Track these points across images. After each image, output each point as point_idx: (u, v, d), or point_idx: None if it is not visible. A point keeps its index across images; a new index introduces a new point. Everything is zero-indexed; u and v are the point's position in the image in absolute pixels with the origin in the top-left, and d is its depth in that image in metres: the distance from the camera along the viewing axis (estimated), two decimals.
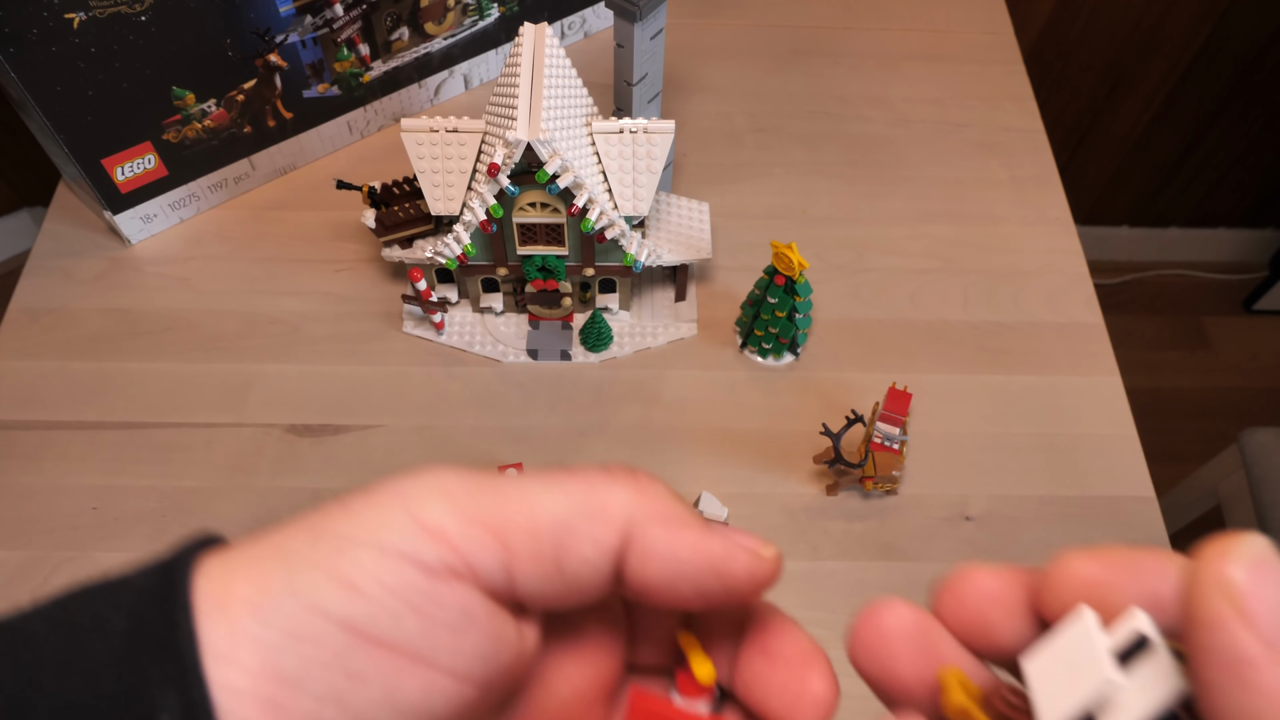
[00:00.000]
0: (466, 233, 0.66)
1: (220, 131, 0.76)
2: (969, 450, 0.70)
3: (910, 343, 0.76)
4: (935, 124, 0.90)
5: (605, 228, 0.66)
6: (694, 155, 0.86)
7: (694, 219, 0.74)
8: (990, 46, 0.96)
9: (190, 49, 0.70)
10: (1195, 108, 1.46)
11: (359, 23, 0.77)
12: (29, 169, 1.53)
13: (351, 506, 0.19)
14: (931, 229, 0.82)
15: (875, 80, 0.93)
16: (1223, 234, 1.75)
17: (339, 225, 0.80)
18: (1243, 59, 1.37)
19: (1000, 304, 0.78)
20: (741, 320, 0.74)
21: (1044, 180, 0.86)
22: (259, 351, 0.73)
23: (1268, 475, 1.09)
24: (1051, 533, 0.67)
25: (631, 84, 0.71)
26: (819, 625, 0.62)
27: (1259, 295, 1.75)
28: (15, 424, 0.69)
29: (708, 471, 0.68)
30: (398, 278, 0.77)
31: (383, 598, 0.17)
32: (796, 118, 0.89)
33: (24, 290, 0.76)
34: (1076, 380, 0.74)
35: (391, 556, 0.18)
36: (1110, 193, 1.64)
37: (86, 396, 0.71)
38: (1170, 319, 1.77)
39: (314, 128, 0.82)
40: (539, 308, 0.73)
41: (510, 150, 0.60)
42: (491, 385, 0.72)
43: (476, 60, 0.87)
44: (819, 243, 0.81)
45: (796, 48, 0.95)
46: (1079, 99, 1.44)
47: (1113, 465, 0.70)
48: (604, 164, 0.66)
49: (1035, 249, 0.82)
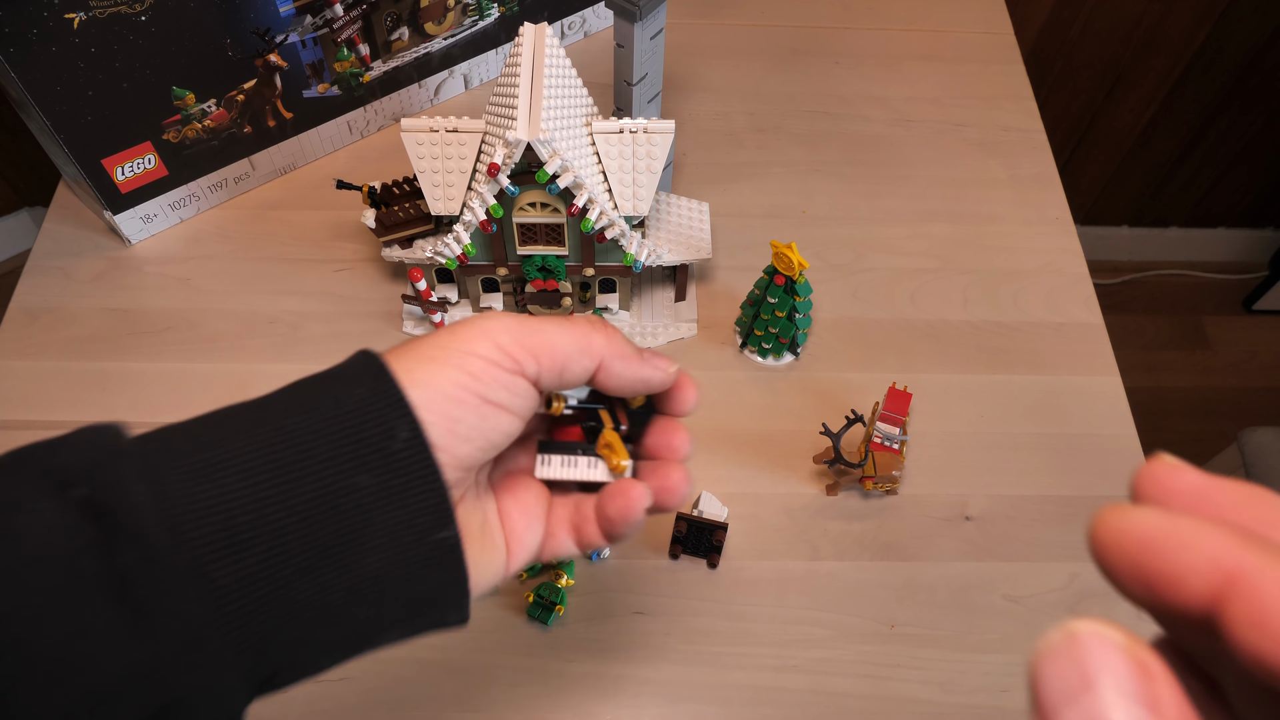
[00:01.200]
0: (466, 233, 0.67)
1: (220, 131, 0.76)
2: (969, 450, 0.71)
3: (910, 342, 0.76)
4: (935, 124, 0.90)
5: (605, 228, 0.66)
6: (694, 155, 0.86)
7: (694, 219, 0.74)
8: (990, 46, 0.96)
9: (190, 49, 0.70)
10: (1195, 107, 1.46)
11: (359, 23, 0.77)
12: (29, 169, 1.53)
13: (457, 333, 0.33)
14: (931, 229, 0.82)
15: (875, 80, 0.93)
16: (1222, 234, 1.75)
17: (339, 225, 0.80)
18: (1242, 59, 1.38)
19: (1000, 304, 0.78)
20: (741, 320, 0.74)
21: (1043, 180, 0.86)
22: (259, 351, 0.73)
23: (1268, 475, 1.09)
24: (1051, 533, 0.67)
25: (631, 84, 0.71)
26: (819, 625, 0.63)
27: (1259, 295, 1.75)
28: (15, 424, 0.69)
29: (708, 471, 0.68)
30: (398, 278, 0.77)
31: (488, 380, 0.33)
32: (796, 118, 0.90)
33: (24, 290, 0.76)
34: (1076, 380, 0.74)
35: (487, 361, 0.33)
36: (1110, 193, 1.64)
37: (86, 396, 0.71)
38: (1170, 319, 1.77)
39: (314, 128, 0.82)
40: (539, 308, 0.73)
41: (510, 150, 0.60)
42: None
43: (476, 60, 0.87)
44: (819, 243, 0.81)
45: (796, 48, 0.95)
46: (1079, 98, 1.44)
47: (1113, 465, 0.70)
48: (604, 164, 0.66)
49: (1035, 249, 0.82)
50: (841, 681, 0.61)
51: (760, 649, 0.62)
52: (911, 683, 0.61)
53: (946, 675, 0.61)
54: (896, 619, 0.63)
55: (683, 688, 0.60)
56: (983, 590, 0.64)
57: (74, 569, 0.25)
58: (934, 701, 0.60)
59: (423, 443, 0.30)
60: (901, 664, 0.62)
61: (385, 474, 0.30)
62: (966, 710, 0.60)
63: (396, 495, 0.30)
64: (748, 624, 0.63)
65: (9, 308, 0.75)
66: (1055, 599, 0.64)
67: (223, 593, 0.27)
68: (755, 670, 0.61)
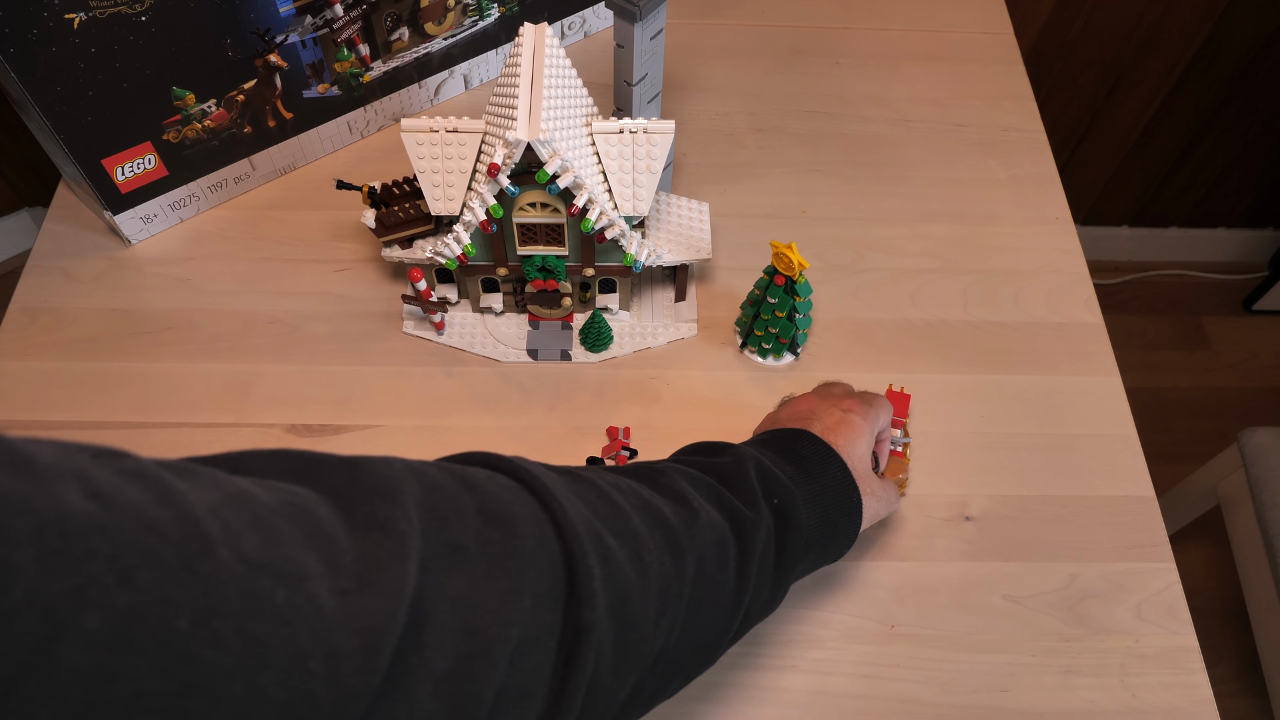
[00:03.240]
0: (466, 233, 0.67)
1: (220, 131, 0.76)
2: (969, 450, 0.70)
3: (910, 343, 0.76)
4: (935, 124, 0.90)
5: (605, 228, 0.66)
6: (694, 155, 0.86)
7: (694, 219, 0.74)
8: (990, 46, 0.96)
9: (190, 49, 0.70)
10: (1195, 108, 1.46)
11: (359, 23, 0.77)
12: (29, 169, 1.53)
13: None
14: (931, 229, 0.82)
15: (875, 80, 0.93)
16: (1222, 234, 1.75)
17: (339, 225, 0.80)
18: (1242, 59, 1.37)
19: (1000, 304, 0.78)
20: (741, 320, 0.74)
21: (1043, 180, 0.86)
22: (259, 351, 0.73)
23: (1268, 475, 1.09)
24: (1051, 533, 0.67)
25: (631, 84, 0.71)
26: (818, 625, 0.63)
27: (1259, 295, 1.75)
28: (15, 424, 0.69)
29: None
30: (398, 278, 0.77)
31: None
32: (796, 118, 0.90)
33: (24, 290, 0.76)
34: (1076, 380, 0.74)
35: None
36: (1110, 193, 1.64)
37: (86, 396, 0.71)
38: (1170, 319, 1.77)
39: (314, 128, 0.82)
40: (539, 308, 0.73)
41: (510, 150, 0.60)
42: (491, 385, 0.72)
43: (476, 60, 0.87)
44: (819, 243, 0.81)
45: (796, 48, 0.95)
46: (1079, 99, 1.44)
47: (1113, 465, 0.70)
48: (604, 164, 0.66)
49: (1035, 249, 0.82)
50: (841, 681, 0.61)
51: (760, 649, 0.62)
52: (911, 683, 0.61)
53: (946, 675, 0.61)
54: (896, 619, 0.63)
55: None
56: (983, 590, 0.64)
57: (766, 547, 0.47)
58: (934, 701, 0.60)
59: (860, 506, 0.53)
60: (901, 664, 0.62)
61: (848, 524, 0.53)
62: (966, 710, 0.60)
63: (847, 537, 0.54)
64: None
65: (9, 308, 0.75)
66: (1055, 599, 0.64)
67: (801, 570, 0.51)
68: (755, 670, 0.61)
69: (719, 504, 0.46)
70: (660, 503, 0.43)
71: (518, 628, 0.33)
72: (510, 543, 0.34)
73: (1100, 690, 0.61)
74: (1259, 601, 1.13)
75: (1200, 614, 0.71)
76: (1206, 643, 0.67)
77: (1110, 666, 0.62)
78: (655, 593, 0.39)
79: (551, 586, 0.35)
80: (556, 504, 0.37)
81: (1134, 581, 0.65)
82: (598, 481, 0.41)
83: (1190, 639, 0.63)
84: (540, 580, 0.34)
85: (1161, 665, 0.62)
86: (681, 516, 0.43)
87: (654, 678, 0.40)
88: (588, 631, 0.35)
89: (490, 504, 0.35)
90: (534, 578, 0.34)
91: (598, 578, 0.36)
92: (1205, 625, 1.30)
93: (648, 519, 0.41)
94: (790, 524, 0.48)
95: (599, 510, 0.39)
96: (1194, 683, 0.62)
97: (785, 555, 0.47)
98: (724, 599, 0.44)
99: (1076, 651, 0.62)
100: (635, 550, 0.38)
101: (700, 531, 0.43)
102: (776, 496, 0.48)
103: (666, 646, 0.40)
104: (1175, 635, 0.63)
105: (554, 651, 0.34)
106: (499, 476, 0.38)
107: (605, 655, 0.36)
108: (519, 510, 0.36)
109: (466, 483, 0.36)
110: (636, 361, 0.74)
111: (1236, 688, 1.39)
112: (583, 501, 0.39)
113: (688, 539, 0.42)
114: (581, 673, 0.34)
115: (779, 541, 0.47)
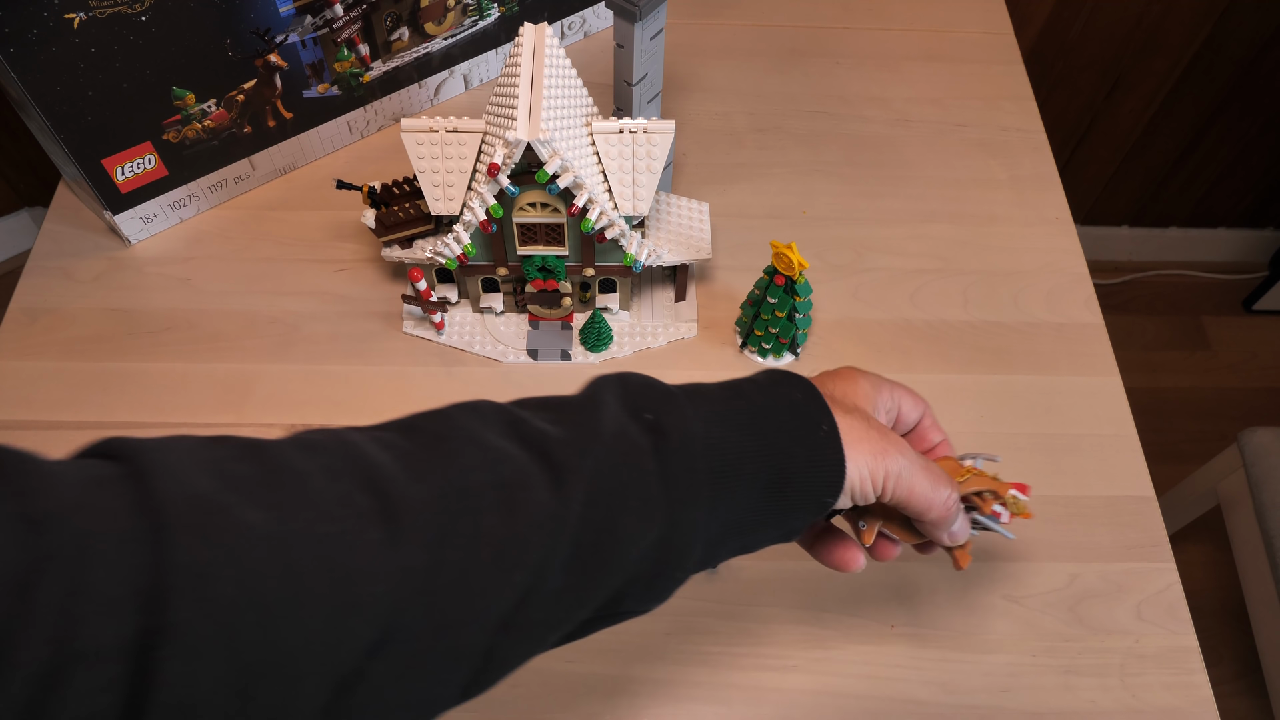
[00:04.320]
0: (466, 233, 0.67)
1: (220, 131, 0.76)
2: (969, 450, 0.70)
3: (910, 343, 0.76)
4: (935, 124, 0.90)
5: (605, 228, 0.66)
6: (694, 155, 0.86)
7: (694, 219, 0.74)
8: (990, 46, 0.96)
9: (190, 49, 0.70)
10: (1195, 108, 1.46)
11: (359, 23, 0.77)
12: (29, 169, 1.53)
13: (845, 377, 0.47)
14: (931, 229, 0.82)
15: (875, 80, 0.93)
16: (1222, 234, 1.75)
17: (339, 225, 0.80)
18: (1242, 59, 1.37)
19: (1000, 304, 0.78)
20: (741, 320, 0.74)
21: (1043, 180, 0.86)
22: (259, 351, 0.73)
23: (1268, 475, 1.09)
24: (1052, 533, 0.67)
25: (631, 84, 0.71)
26: (819, 625, 0.63)
27: (1259, 295, 1.75)
28: (15, 424, 0.69)
29: None
30: (398, 278, 0.77)
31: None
32: (796, 118, 0.90)
33: (24, 290, 0.76)
34: (1076, 380, 0.74)
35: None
36: (1110, 193, 1.64)
37: (86, 396, 0.71)
38: (1170, 319, 1.77)
39: (314, 128, 0.82)
40: (539, 308, 0.73)
41: (510, 150, 0.60)
42: (491, 385, 0.72)
43: (476, 60, 0.87)
44: (819, 243, 0.81)
45: (796, 48, 0.95)
46: (1079, 99, 1.44)
47: (1112, 465, 0.70)
48: (604, 164, 0.66)
49: (1035, 249, 0.82)
50: (842, 682, 0.61)
51: (760, 649, 0.62)
52: (911, 683, 0.61)
53: (946, 675, 0.61)
54: (896, 619, 0.63)
55: (683, 688, 0.60)
56: (983, 590, 0.64)
57: (644, 465, 0.38)
58: (934, 702, 0.60)
59: (838, 434, 0.41)
60: (902, 664, 0.62)
61: (812, 449, 0.41)
62: (966, 710, 0.60)
63: (815, 467, 0.41)
64: (748, 624, 0.63)
65: (9, 308, 0.75)
66: (1055, 599, 0.64)
67: (712, 500, 0.39)
68: (755, 670, 0.61)
69: (516, 436, 0.37)
70: (381, 456, 0.35)
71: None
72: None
73: (1100, 690, 0.61)
74: (1259, 601, 1.13)
75: (1200, 614, 0.71)
76: (1206, 643, 0.67)
77: (1110, 666, 0.62)
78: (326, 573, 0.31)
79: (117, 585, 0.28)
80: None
81: (1134, 581, 0.65)
82: (268, 446, 0.34)
83: (1190, 639, 0.63)
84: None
85: (1161, 665, 0.62)
86: (410, 463, 0.35)
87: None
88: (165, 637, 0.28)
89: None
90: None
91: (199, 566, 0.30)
92: (1205, 625, 1.30)
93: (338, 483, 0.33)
94: (670, 438, 0.38)
95: (239, 483, 0.32)
96: (1194, 683, 0.62)
97: (671, 471, 0.38)
98: (503, 543, 0.35)
99: (1076, 651, 0.62)
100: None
101: (469, 473, 0.35)
102: (650, 411, 0.39)
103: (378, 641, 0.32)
104: (1175, 635, 0.63)
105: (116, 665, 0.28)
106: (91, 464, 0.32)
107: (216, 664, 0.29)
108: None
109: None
110: (637, 361, 0.74)
111: (1236, 688, 1.39)
112: (212, 474, 0.32)
113: (417, 492, 0.34)
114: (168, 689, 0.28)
115: (660, 463, 0.38)
